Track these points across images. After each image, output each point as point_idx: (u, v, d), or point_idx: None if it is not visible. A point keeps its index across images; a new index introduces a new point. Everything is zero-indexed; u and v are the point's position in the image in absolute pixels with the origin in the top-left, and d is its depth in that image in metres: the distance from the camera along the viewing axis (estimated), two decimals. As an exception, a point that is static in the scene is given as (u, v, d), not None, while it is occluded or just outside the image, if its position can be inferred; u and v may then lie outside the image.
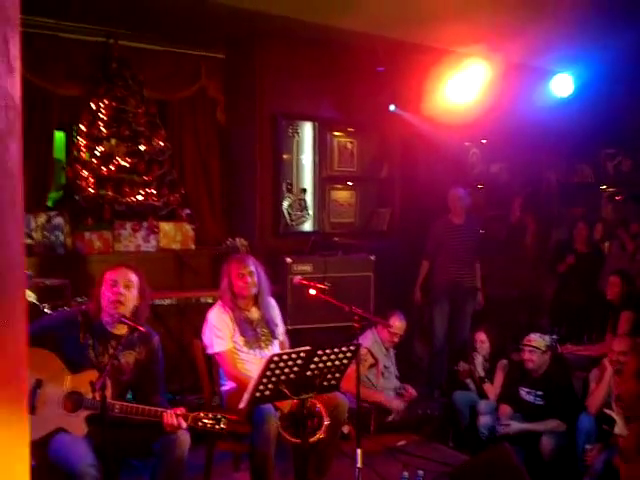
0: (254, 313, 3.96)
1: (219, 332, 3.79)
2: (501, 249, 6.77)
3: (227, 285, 3.91)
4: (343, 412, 3.73)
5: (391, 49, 6.38)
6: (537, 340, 4.55)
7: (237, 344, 3.82)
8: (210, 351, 3.80)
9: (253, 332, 3.88)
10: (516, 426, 4.42)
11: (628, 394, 2.88)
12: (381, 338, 5.14)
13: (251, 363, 3.79)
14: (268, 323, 3.97)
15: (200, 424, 3.05)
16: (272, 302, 4.09)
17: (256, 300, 3.97)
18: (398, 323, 5.09)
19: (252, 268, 3.91)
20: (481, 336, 5.22)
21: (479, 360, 5.16)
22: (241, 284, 3.87)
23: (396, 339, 5.14)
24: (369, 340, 5.10)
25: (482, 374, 5.08)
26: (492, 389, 4.95)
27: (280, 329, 4.06)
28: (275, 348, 3.93)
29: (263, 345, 3.89)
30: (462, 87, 6.53)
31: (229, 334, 3.81)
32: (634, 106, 6.77)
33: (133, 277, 3.23)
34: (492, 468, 3.44)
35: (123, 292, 3.15)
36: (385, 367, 5.15)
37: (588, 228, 6.90)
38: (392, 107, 6.93)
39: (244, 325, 3.86)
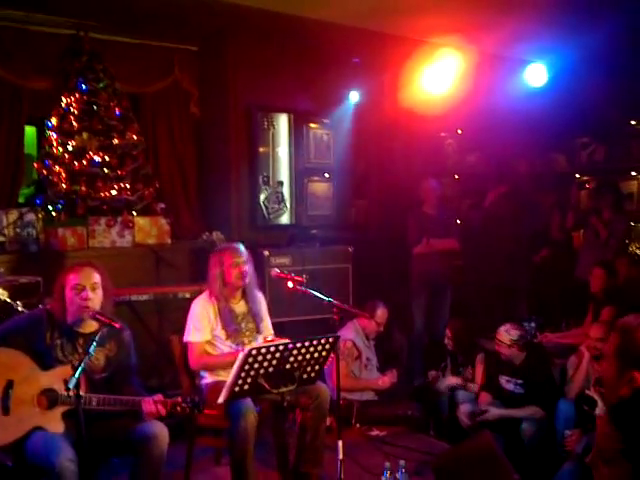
0: (241, 306, 3.91)
1: (197, 323, 3.76)
2: (478, 238, 6.78)
3: (217, 274, 3.82)
4: (326, 402, 3.71)
5: (366, 40, 6.35)
6: (502, 334, 4.53)
7: (218, 337, 3.78)
8: (184, 339, 3.78)
9: (237, 326, 3.83)
10: (495, 412, 4.43)
11: (609, 375, 2.89)
12: (366, 329, 5.15)
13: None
14: (254, 317, 3.91)
15: (179, 408, 3.04)
16: (260, 296, 4.03)
17: (244, 292, 3.92)
18: (382, 312, 5.14)
19: (246, 258, 3.86)
20: (448, 334, 5.14)
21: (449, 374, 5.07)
22: (236, 273, 3.79)
23: (382, 328, 5.19)
24: (352, 332, 5.10)
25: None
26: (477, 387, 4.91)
27: (265, 323, 3.99)
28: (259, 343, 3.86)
29: (246, 340, 3.83)
30: (437, 78, 6.53)
31: (208, 326, 3.76)
32: (607, 95, 6.82)
33: (97, 277, 3.19)
34: (474, 456, 3.45)
35: (91, 296, 3.12)
36: (367, 359, 5.15)
37: (561, 216, 6.98)
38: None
39: (228, 318, 3.80)
